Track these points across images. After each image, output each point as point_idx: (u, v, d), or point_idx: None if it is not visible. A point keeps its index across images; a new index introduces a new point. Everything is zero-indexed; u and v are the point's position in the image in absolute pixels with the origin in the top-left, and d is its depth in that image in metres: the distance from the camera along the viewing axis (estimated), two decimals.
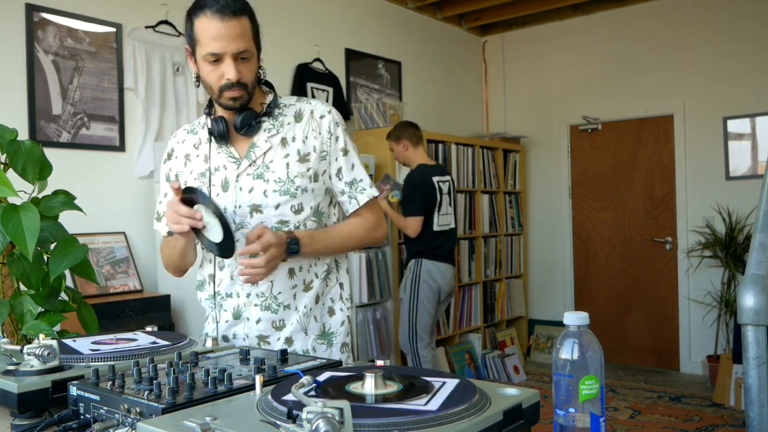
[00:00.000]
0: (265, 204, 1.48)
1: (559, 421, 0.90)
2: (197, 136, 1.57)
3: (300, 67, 4.23)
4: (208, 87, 1.45)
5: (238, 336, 1.54)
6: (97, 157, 3.19)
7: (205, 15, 1.37)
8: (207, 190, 1.49)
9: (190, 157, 1.57)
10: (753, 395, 1.06)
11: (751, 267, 1.16)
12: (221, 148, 1.51)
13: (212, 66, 1.40)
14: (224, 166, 1.50)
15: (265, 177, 1.48)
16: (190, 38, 1.42)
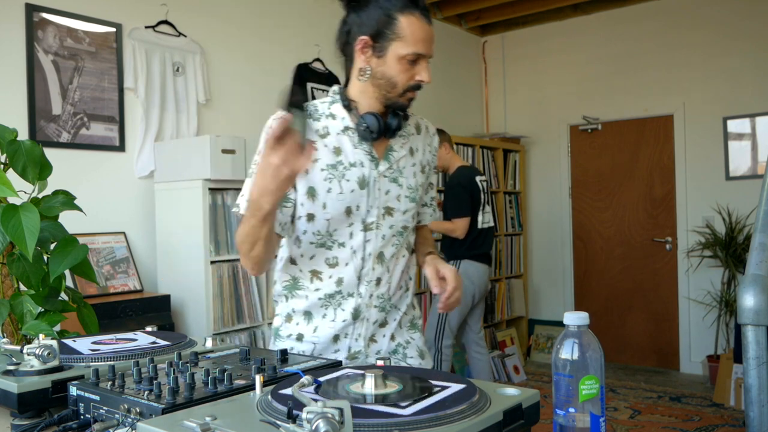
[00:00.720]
0: (396, 208, 1.49)
1: (559, 421, 0.90)
2: (321, 124, 1.46)
3: (300, 67, 4.22)
4: (389, 83, 1.41)
5: (350, 336, 1.50)
6: (97, 157, 3.19)
7: (414, 15, 1.37)
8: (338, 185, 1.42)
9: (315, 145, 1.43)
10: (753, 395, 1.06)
11: (751, 267, 1.16)
12: (361, 144, 1.45)
13: (407, 65, 1.40)
14: (361, 163, 1.45)
15: (399, 181, 1.50)
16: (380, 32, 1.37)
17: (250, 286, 3.26)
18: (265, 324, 3.34)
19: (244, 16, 3.93)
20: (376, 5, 1.39)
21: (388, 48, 1.38)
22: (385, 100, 1.45)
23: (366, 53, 1.41)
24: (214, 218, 3.09)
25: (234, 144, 3.12)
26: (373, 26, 1.38)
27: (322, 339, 1.50)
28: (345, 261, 1.47)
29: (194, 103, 3.60)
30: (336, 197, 1.42)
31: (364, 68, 1.42)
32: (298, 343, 1.53)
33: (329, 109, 1.48)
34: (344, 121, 1.46)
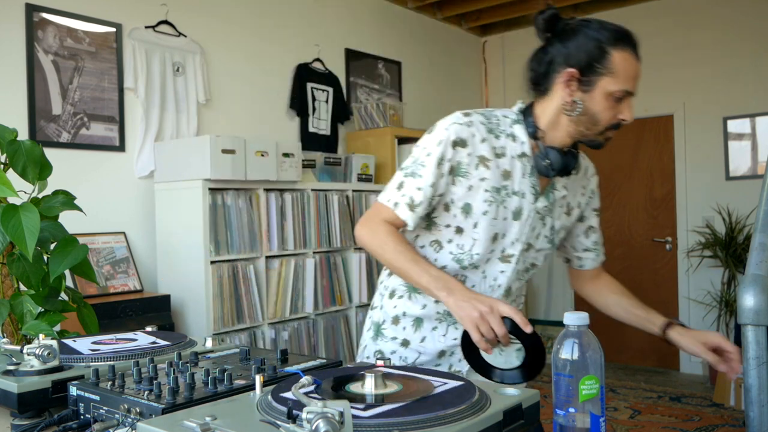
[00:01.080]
0: (534, 246, 1.44)
1: (559, 421, 0.90)
2: (500, 143, 1.37)
3: (300, 67, 4.23)
4: (591, 120, 1.33)
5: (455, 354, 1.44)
6: (97, 157, 3.19)
7: (627, 51, 1.32)
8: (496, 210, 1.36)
9: (487, 163, 1.35)
10: (753, 395, 1.06)
11: (751, 267, 1.16)
12: (531, 175, 1.38)
13: (613, 103, 1.32)
14: (524, 194, 1.38)
15: (545, 220, 1.43)
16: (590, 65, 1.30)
17: (250, 286, 3.26)
18: (265, 324, 3.34)
19: (244, 16, 3.93)
20: (587, 36, 1.33)
21: (597, 83, 1.31)
22: (580, 136, 1.37)
23: (570, 86, 1.32)
24: (214, 218, 3.09)
25: (234, 144, 3.12)
26: (582, 59, 1.31)
27: (429, 351, 1.45)
28: (472, 283, 1.42)
29: (194, 103, 3.60)
30: (489, 221, 1.37)
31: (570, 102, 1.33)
32: (402, 348, 1.48)
33: (511, 128, 1.39)
34: (523, 146, 1.38)
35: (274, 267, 3.40)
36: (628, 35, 1.34)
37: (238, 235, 3.21)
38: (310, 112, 4.28)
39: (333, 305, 3.74)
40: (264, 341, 3.33)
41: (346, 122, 4.56)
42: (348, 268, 3.86)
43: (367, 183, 4.11)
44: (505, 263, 1.42)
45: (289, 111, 4.19)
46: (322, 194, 3.69)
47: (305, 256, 3.56)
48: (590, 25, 1.35)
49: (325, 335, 3.67)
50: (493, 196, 1.36)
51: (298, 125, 4.24)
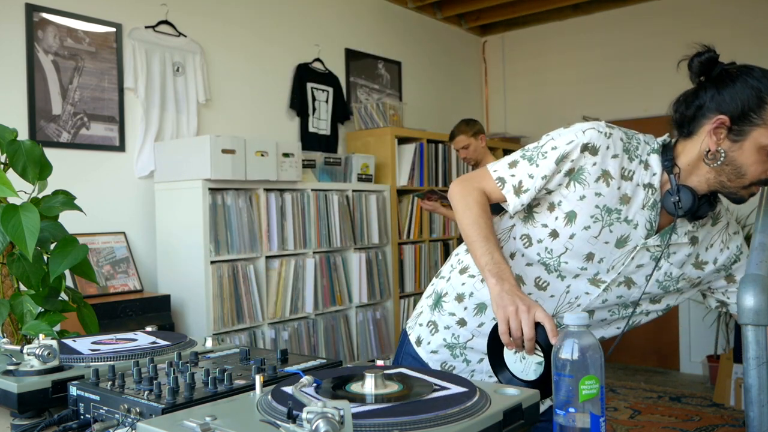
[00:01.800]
0: (639, 284, 1.35)
1: (559, 421, 0.90)
2: (631, 167, 1.30)
3: (300, 67, 4.22)
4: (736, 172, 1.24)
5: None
6: (97, 157, 3.19)
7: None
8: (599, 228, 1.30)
9: (609, 180, 1.29)
10: (753, 395, 1.06)
11: (751, 267, 1.16)
12: (652, 209, 1.31)
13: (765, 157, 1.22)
14: (636, 225, 1.31)
15: (660, 263, 1.34)
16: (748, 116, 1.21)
17: (250, 286, 3.26)
18: (265, 324, 3.34)
19: (244, 16, 3.93)
20: (746, 83, 1.24)
21: (749, 133, 1.21)
22: (720, 186, 1.28)
23: (719, 134, 1.25)
24: (214, 218, 3.09)
25: (234, 144, 3.12)
26: (736, 107, 1.23)
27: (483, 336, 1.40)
28: (552, 293, 1.37)
29: (194, 103, 3.60)
30: (587, 237, 1.30)
31: (716, 152, 1.25)
32: (457, 326, 1.45)
33: (647, 156, 1.32)
34: (653, 178, 1.31)
35: (274, 267, 3.40)
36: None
37: (238, 235, 3.21)
38: (310, 112, 4.28)
39: (333, 305, 3.74)
40: (264, 341, 3.33)
41: (346, 122, 4.56)
42: (348, 268, 3.86)
43: (367, 183, 4.11)
44: (593, 286, 1.35)
45: (289, 111, 4.19)
46: (322, 194, 3.69)
47: (305, 256, 3.56)
48: (752, 73, 1.26)
49: (325, 335, 3.67)
50: (601, 215, 1.30)
51: (298, 125, 4.24)
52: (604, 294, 1.36)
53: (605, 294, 1.36)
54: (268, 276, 3.37)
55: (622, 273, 1.34)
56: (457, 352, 1.46)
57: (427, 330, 1.51)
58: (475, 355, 1.45)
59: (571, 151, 1.30)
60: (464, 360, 1.46)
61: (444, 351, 1.47)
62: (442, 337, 1.48)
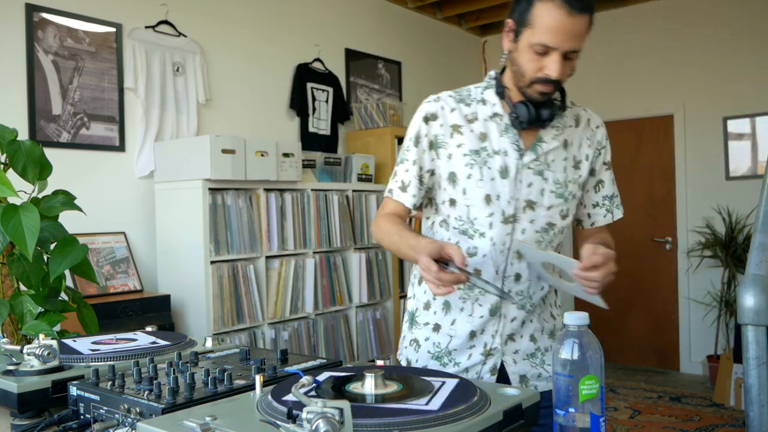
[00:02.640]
0: (539, 203, 1.42)
1: (559, 421, 0.90)
2: (471, 109, 1.44)
3: (300, 67, 4.22)
4: (518, 72, 1.36)
5: (486, 332, 1.45)
6: (97, 157, 3.19)
7: (553, 2, 1.26)
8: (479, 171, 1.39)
9: (461, 129, 1.42)
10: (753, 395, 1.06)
11: (751, 267, 1.16)
12: (507, 132, 1.41)
13: (536, 56, 1.31)
14: (506, 152, 1.40)
15: (544, 175, 1.42)
16: (521, 16, 1.31)
17: (250, 286, 3.26)
18: (265, 324, 3.34)
19: (244, 16, 3.93)
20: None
21: (522, 34, 1.32)
22: (518, 88, 1.39)
23: (509, 36, 1.36)
24: (214, 218, 3.09)
25: (234, 144, 3.12)
26: (516, 10, 1.33)
27: (459, 333, 1.46)
28: (483, 252, 1.42)
29: (194, 103, 3.60)
30: (476, 183, 1.40)
31: (504, 51, 1.39)
32: (434, 333, 1.49)
33: (482, 95, 1.45)
34: (494, 108, 1.43)
35: (274, 267, 3.40)
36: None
37: (238, 235, 3.21)
38: (310, 112, 4.28)
39: (333, 305, 3.74)
40: (264, 341, 3.33)
41: (346, 122, 4.56)
42: (348, 268, 3.86)
43: (367, 183, 4.11)
44: (508, 225, 1.41)
45: (289, 111, 4.19)
46: (322, 194, 3.69)
47: (305, 256, 3.56)
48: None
49: (325, 335, 3.67)
50: (473, 159, 1.41)
51: (298, 125, 4.24)
52: (519, 226, 1.42)
53: (520, 225, 1.42)
54: (268, 276, 3.37)
55: (520, 198, 1.41)
56: (445, 360, 1.48)
57: (412, 349, 1.54)
58: (463, 356, 1.47)
59: (418, 129, 1.45)
60: (454, 364, 1.47)
61: (433, 363, 1.50)
62: (426, 350, 1.50)
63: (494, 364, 1.45)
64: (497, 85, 1.43)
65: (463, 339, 1.46)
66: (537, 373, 1.47)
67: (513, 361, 1.45)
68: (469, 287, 1.44)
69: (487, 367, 1.45)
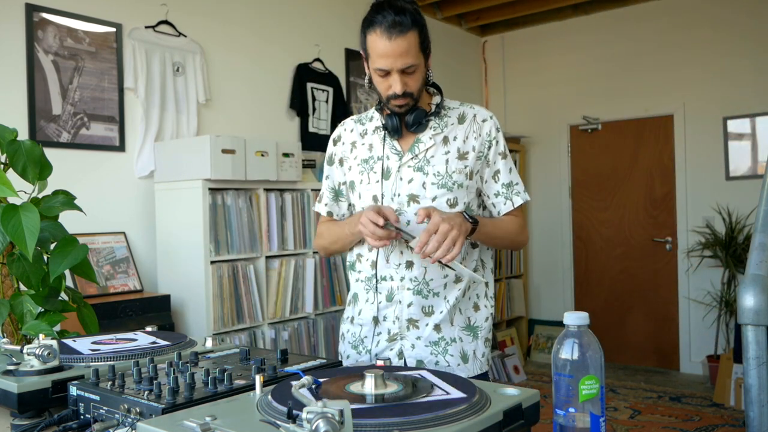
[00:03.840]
0: (422, 195, 1.56)
1: (559, 421, 0.90)
2: (364, 127, 1.68)
3: (300, 67, 4.22)
4: (377, 93, 1.56)
5: (388, 318, 1.59)
6: (97, 157, 3.19)
7: (375, 32, 1.46)
8: (367, 177, 1.61)
9: (356, 145, 1.66)
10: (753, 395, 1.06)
11: (751, 267, 1.16)
12: (385, 140, 1.61)
13: (381, 78, 1.50)
14: (387, 156, 1.60)
15: (425, 170, 1.57)
16: (363, 49, 1.53)
17: (250, 286, 3.26)
18: (265, 324, 3.34)
19: (244, 16, 3.93)
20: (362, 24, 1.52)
21: (368, 62, 1.54)
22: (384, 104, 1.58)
23: (366, 66, 1.57)
24: (214, 218, 3.09)
25: (234, 144, 3.12)
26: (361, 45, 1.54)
27: (366, 321, 1.63)
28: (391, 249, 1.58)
29: (194, 103, 3.60)
30: (365, 188, 1.60)
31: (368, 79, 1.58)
32: (351, 325, 1.69)
33: (372, 113, 1.68)
34: (377, 122, 1.64)
35: (274, 267, 3.40)
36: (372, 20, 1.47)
37: (238, 235, 3.21)
38: (310, 112, 4.28)
39: (333, 305, 3.74)
40: (264, 341, 3.33)
41: None
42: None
43: None
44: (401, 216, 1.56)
45: (289, 111, 4.19)
46: None
47: (305, 256, 3.56)
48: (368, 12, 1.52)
49: (325, 335, 3.67)
50: (363, 167, 1.63)
51: (298, 125, 4.24)
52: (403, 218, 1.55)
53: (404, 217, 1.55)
54: (268, 276, 3.37)
55: (402, 194, 1.57)
56: (360, 348, 1.65)
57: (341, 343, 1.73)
58: (372, 342, 1.62)
59: (330, 151, 1.74)
60: (366, 351, 1.63)
61: (351, 351, 1.67)
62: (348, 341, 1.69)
63: (400, 349, 1.58)
64: (378, 102, 1.62)
65: (369, 326, 1.62)
66: (435, 361, 1.58)
67: (411, 346, 1.57)
68: None
69: (394, 352, 1.59)
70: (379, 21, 1.45)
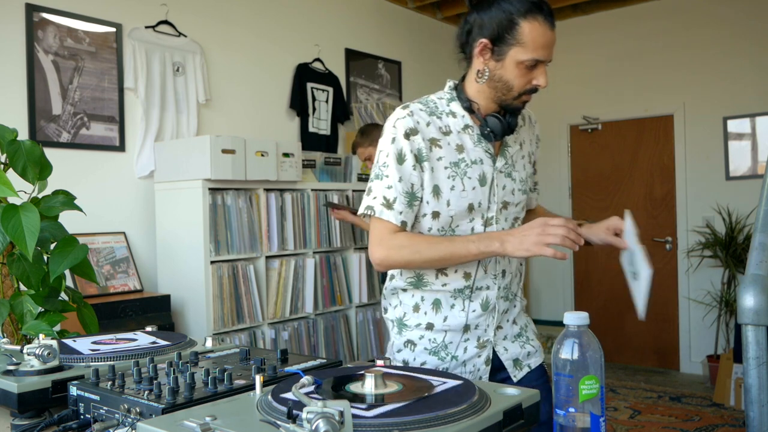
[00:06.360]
0: (512, 201, 1.53)
1: (559, 421, 0.90)
2: (443, 122, 1.48)
3: (300, 67, 4.22)
4: (505, 87, 1.42)
5: (480, 326, 1.51)
6: (97, 157, 3.19)
7: (536, 19, 1.36)
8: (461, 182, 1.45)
9: (438, 143, 1.46)
10: (753, 395, 1.06)
11: (751, 267, 1.16)
12: (480, 143, 1.48)
13: (525, 70, 1.39)
14: (481, 160, 1.48)
15: (512, 176, 1.52)
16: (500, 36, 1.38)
17: (250, 286, 3.26)
18: (265, 324, 3.34)
19: (244, 16, 3.93)
20: (499, 8, 1.38)
21: (507, 53, 1.38)
22: (499, 101, 1.46)
23: (485, 56, 1.42)
24: (214, 218, 3.09)
25: (234, 144, 3.12)
26: (493, 29, 1.39)
27: (453, 327, 1.51)
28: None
29: (194, 103, 3.60)
30: (459, 194, 1.45)
31: (482, 71, 1.44)
32: (428, 331, 1.53)
33: (448, 107, 1.50)
34: (464, 119, 1.48)
35: (274, 267, 3.40)
36: (539, 4, 1.38)
37: (238, 235, 3.21)
38: (310, 112, 4.28)
39: (333, 305, 3.74)
40: (264, 341, 3.33)
41: (346, 122, 4.56)
42: (348, 268, 3.86)
43: (367, 183, 4.10)
44: (489, 227, 1.50)
45: (289, 111, 4.19)
46: (322, 194, 3.69)
47: (305, 256, 3.56)
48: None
49: (325, 335, 3.67)
50: (454, 171, 1.46)
51: (298, 125, 4.24)
52: (498, 225, 1.50)
53: (499, 225, 1.50)
54: (268, 276, 3.37)
55: (497, 202, 1.50)
56: (442, 354, 1.51)
57: (407, 350, 1.55)
58: (459, 349, 1.51)
59: (401, 146, 1.44)
60: (452, 357, 1.51)
61: (431, 359, 1.52)
62: (423, 347, 1.53)
63: (488, 355, 1.52)
64: (462, 99, 1.49)
65: (458, 333, 1.51)
66: (526, 352, 1.57)
67: (504, 349, 1.54)
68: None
69: (482, 359, 1.52)
70: (544, 10, 1.37)
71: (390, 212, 1.43)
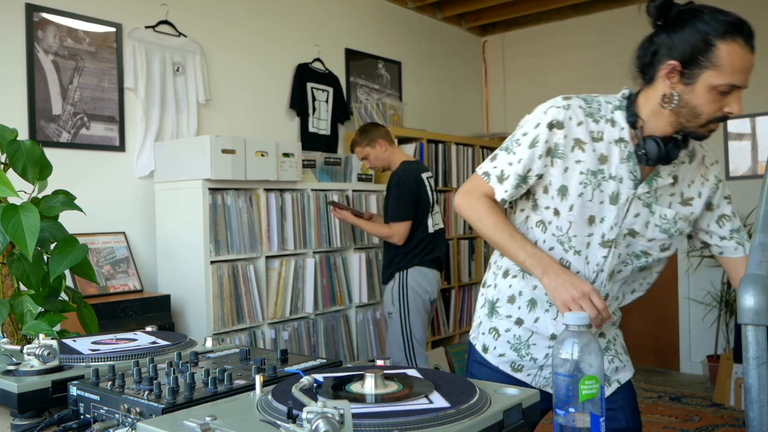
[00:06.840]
0: (642, 233, 1.43)
1: (559, 421, 0.90)
2: (599, 128, 1.39)
3: (300, 67, 4.22)
4: (692, 113, 1.31)
5: None
6: (97, 157, 3.19)
7: (736, 42, 1.28)
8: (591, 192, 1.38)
9: (583, 146, 1.38)
10: (753, 395, 1.06)
11: (751, 267, 1.16)
12: (628, 161, 1.38)
13: (717, 96, 1.29)
14: (621, 179, 1.38)
15: (652, 208, 1.42)
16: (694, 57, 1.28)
17: (250, 286, 3.26)
18: (265, 324, 3.34)
19: (244, 16, 3.93)
20: (693, 28, 1.29)
21: (699, 76, 1.29)
22: (681, 127, 1.35)
23: (672, 79, 1.32)
24: (214, 218, 3.09)
25: (234, 144, 3.12)
26: (685, 51, 1.29)
27: (542, 331, 1.48)
28: (577, 269, 1.44)
29: (194, 103, 3.60)
30: (584, 203, 1.39)
31: (669, 95, 1.32)
32: (516, 326, 1.51)
33: (612, 114, 1.41)
34: (622, 132, 1.39)
35: (274, 267, 3.40)
36: (740, 26, 1.29)
37: (238, 235, 3.21)
38: (310, 112, 4.28)
39: (333, 305, 3.74)
40: (264, 341, 3.33)
41: (346, 122, 4.56)
42: (348, 268, 3.86)
43: (367, 183, 4.10)
44: (606, 248, 1.42)
45: (289, 111, 4.19)
46: (322, 194, 3.69)
47: (305, 256, 3.56)
48: (701, 16, 1.30)
49: (325, 335, 3.67)
50: (588, 179, 1.38)
51: (298, 125, 4.24)
52: (616, 251, 1.42)
53: (617, 250, 1.42)
54: (268, 276, 3.37)
55: (623, 226, 1.41)
56: (522, 353, 1.51)
57: (490, 337, 1.55)
58: (540, 352, 1.50)
59: (540, 133, 1.39)
60: (531, 359, 1.50)
61: (510, 353, 1.52)
62: (506, 340, 1.53)
63: None
64: (630, 113, 1.39)
65: (544, 338, 1.49)
66: (614, 367, 1.52)
67: None
68: None
69: None
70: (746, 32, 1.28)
71: (499, 186, 1.43)
